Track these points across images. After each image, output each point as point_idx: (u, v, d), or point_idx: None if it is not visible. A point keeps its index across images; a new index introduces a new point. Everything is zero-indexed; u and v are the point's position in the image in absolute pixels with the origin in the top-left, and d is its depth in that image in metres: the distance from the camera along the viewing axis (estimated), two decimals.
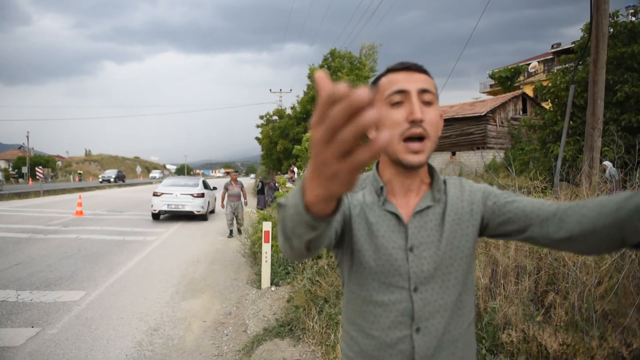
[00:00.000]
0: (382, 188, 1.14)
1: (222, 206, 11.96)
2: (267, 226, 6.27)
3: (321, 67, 30.02)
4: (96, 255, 8.64)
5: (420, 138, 1.06)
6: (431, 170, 1.19)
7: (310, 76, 29.36)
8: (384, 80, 1.11)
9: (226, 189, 12.15)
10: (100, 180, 45.30)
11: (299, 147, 8.25)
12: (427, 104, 1.08)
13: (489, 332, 2.91)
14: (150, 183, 51.82)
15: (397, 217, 1.11)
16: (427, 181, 1.18)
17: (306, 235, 0.75)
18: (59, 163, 65.65)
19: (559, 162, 6.10)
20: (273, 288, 5.98)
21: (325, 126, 0.49)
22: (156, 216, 14.73)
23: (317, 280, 4.72)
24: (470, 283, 1.14)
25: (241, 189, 12.27)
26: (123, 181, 48.23)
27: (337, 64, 29.13)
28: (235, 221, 12.06)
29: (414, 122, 1.05)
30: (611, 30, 15.88)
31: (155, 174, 71.88)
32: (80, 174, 56.07)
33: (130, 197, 26.24)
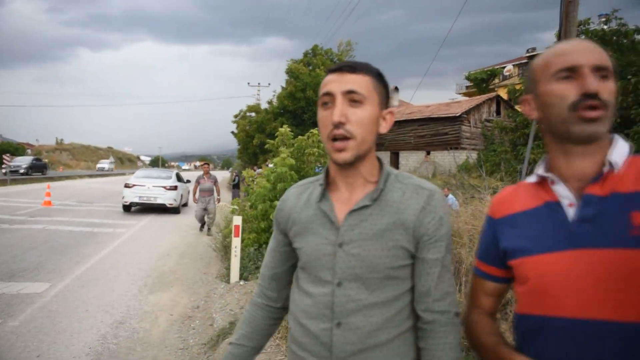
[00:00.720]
0: (322, 186, 1.21)
1: (195, 201, 11.38)
2: (237, 220, 6.27)
3: (301, 62, 30.00)
4: (63, 247, 8.48)
5: (342, 137, 1.10)
6: (382, 171, 1.21)
7: (289, 71, 29.30)
8: (323, 81, 1.16)
9: (198, 182, 11.39)
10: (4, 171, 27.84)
11: (271, 141, 8.24)
12: (354, 102, 1.11)
13: None
14: (103, 174, 49.50)
15: (327, 215, 1.17)
16: (373, 180, 1.19)
17: None
18: (29, 151, 63.76)
19: (525, 164, 6.28)
20: (242, 282, 5.99)
21: None
22: (127, 208, 14.51)
23: None
24: (408, 294, 1.15)
25: (214, 184, 11.44)
26: (43, 173, 35.53)
27: (318, 61, 29.16)
28: (206, 218, 11.31)
29: (335, 125, 1.09)
30: (583, 37, 16.32)
31: (104, 164, 58.70)
32: (46, 163, 52.94)
33: (101, 188, 25.76)
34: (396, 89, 40.26)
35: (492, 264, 1.15)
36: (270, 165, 15.08)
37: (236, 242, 6.08)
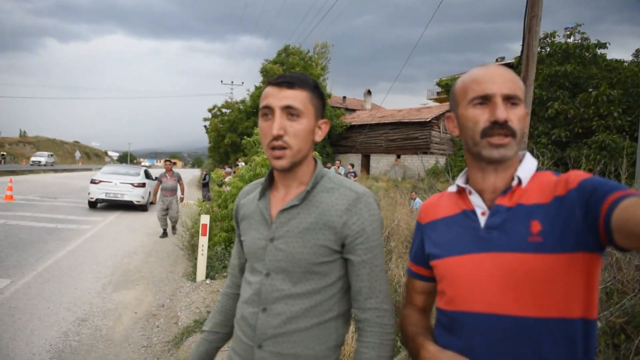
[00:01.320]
0: (263, 187, 1.36)
1: (154, 201, 10.67)
2: (205, 219, 6.28)
3: (275, 62, 29.96)
4: (25, 242, 8.28)
5: (280, 147, 1.23)
6: (316, 175, 1.31)
7: (264, 71, 29.22)
8: (264, 92, 1.28)
9: (160, 181, 10.50)
10: None
11: (248, 139, 8.24)
12: (293, 116, 1.23)
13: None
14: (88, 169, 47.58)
15: (262, 214, 1.33)
16: (307, 181, 1.32)
17: None
18: None
19: None
20: (208, 281, 6.01)
21: None
22: (93, 204, 14.21)
23: None
24: (332, 287, 1.27)
25: (178, 182, 10.59)
26: None
27: (291, 61, 29.16)
28: (169, 220, 10.43)
29: (274, 137, 1.22)
30: (548, 49, 16.92)
31: (41, 157, 46.83)
32: (3, 155, 46.54)
33: (66, 183, 25.09)
34: (369, 92, 40.68)
35: (420, 265, 1.27)
36: (241, 164, 15.03)
37: (203, 241, 6.09)
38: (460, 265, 1.09)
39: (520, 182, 1.07)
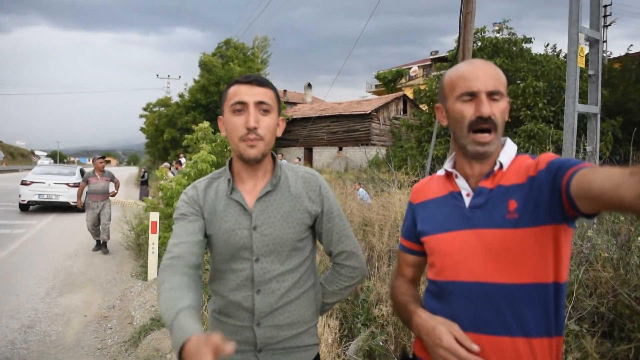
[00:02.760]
0: (229, 180, 1.42)
1: (80, 205, 8.71)
2: (154, 217, 6.16)
3: (214, 55, 29.37)
4: None
5: (255, 139, 1.34)
6: (274, 161, 1.47)
7: (203, 64, 28.57)
8: (231, 89, 1.38)
9: (86, 182, 8.31)
10: None
11: (190, 136, 8.10)
12: (265, 112, 1.35)
13: (364, 308, 3.29)
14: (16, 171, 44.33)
15: (240, 204, 1.39)
16: (269, 169, 1.45)
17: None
18: None
19: (429, 160, 6.83)
20: None
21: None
22: (25, 207, 13.41)
23: (207, 269, 4.80)
24: (308, 259, 1.46)
25: (110, 182, 8.56)
26: None
27: (231, 54, 28.69)
28: (100, 230, 8.30)
29: (249, 129, 1.32)
30: (479, 43, 17.79)
31: None
32: None
33: None
34: (309, 85, 40.83)
35: (411, 240, 1.39)
36: (183, 160, 14.68)
37: (153, 239, 5.98)
38: (448, 240, 1.22)
39: (501, 166, 1.19)
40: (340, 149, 29.91)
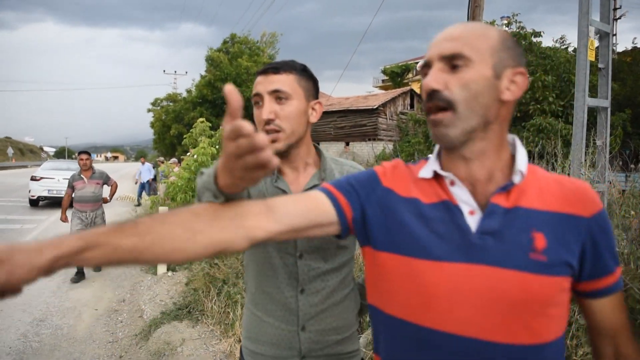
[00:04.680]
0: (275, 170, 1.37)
1: (64, 219, 6.50)
2: (162, 211, 6.20)
3: (220, 50, 29.37)
4: None
5: (273, 131, 1.26)
6: (319, 153, 1.40)
7: (209, 59, 28.57)
8: (254, 83, 1.32)
9: (72, 188, 6.27)
10: None
11: (189, 133, 8.13)
12: (281, 99, 1.26)
13: None
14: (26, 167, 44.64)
15: (285, 192, 1.30)
16: (312, 162, 1.37)
17: (208, 200, 0.88)
18: None
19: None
20: (170, 273, 5.96)
21: (235, 148, 0.69)
22: (34, 202, 13.53)
23: (216, 264, 4.84)
24: (352, 260, 1.38)
25: (104, 186, 6.52)
26: None
27: (236, 49, 28.67)
28: None
29: (265, 122, 1.25)
30: None
31: None
32: None
33: (2, 182, 23.64)
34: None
35: (341, 193, 0.96)
36: (195, 157, 14.68)
37: None
38: (437, 273, 0.84)
39: (521, 177, 0.86)
40: (347, 144, 29.88)
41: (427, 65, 0.87)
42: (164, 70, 40.52)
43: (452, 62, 0.83)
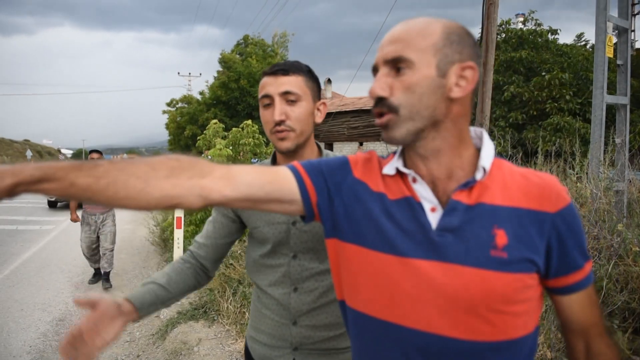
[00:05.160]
0: None
1: (74, 218, 6.16)
2: (179, 212, 6.25)
3: (233, 52, 29.56)
4: None
5: (283, 131, 1.29)
6: (321, 153, 1.42)
7: (222, 61, 28.78)
8: (261, 82, 1.35)
9: None
10: None
11: (203, 135, 8.19)
12: (292, 102, 1.29)
13: None
14: None
15: None
16: None
17: None
18: None
19: None
20: None
21: None
22: (53, 204, 13.78)
23: (231, 264, 4.87)
24: None
25: None
26: None
27: (250, 50, 28.84)
28: (99, 255, 5.99)
29: (276, 123, 1.28)
30: (503, 35, 17.49)
31: None
32: None
33: None
34: (329, 80, 40.77)
35: (311, 177, 0.95)
36: (210, 159, 14.80)
37: (178, 234, 6.06)
38: (398, 269, 0.85)
39: (484, 173, 0.85)
40: (361, 144, 29.82)
41: (375, 69, 0.87)
42: (179, 72, 40.90)
43: (396, 65, 0.83)
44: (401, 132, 0.83)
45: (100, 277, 6.02)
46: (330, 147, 31.61)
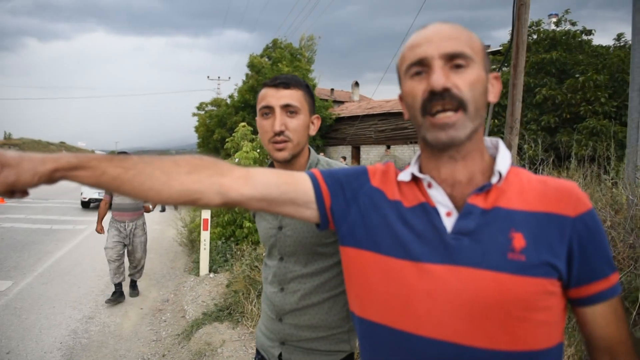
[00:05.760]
0: None
1: (99, 230, 5.80)
2: (205, 214, 6.33)
3: (262, 56, 29.84)
4: (22, 244, 8.27)
5: (282, 141, 1.36)
6: (311, 163, 1.48)
7: (251, 65, 29.09)
8: (260, 93, 1.42)
9: (110, 194, 5.65)
10: None
11: (231, 138, 8.26)
12: (291, 113, 1.37)
13: None
14: None
15: None
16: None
17: None
18: None
19: None
20: (212, 275, 6.07)
21: None
22: (86, 204, 14.15)
23: (256, 266, 4.88)
24: (335, 264, 1.40)
25: None
26: None
27: (278, 55, 29.07)
28: (129, 264, 5.76)
29: (276, 133, 1.35)
30: (535, 36, 17.10)
31: None
32: None
33: (57, 184, 24.84)
34: (356, 83, 40.70)
35: (327, 184, 0.97)
36: (237, 161, 14.99)
37: (205, 236, 6.14)
38: (417, 274, 0.83)
39: (500, 177, 0.84)
40: (389, 147, 29.62)
41: (419, 64, 0.83)
42: (208, 76, 41.55)
43: (454, 61, 0.81)
44: (466, 131, 0.81)
45: (120, 295, 5.51)
46: (357, 150, 31.51)
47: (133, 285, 5.82)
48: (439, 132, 0.81)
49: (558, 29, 16.94)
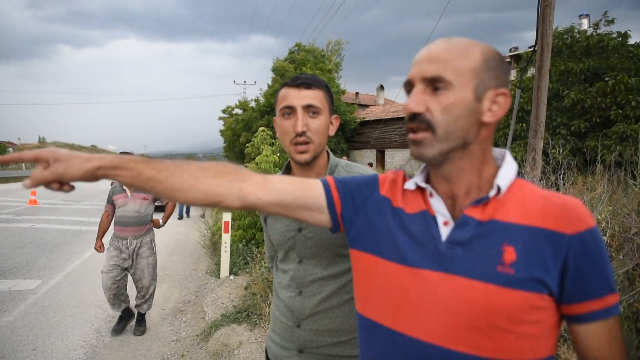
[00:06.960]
0: None
1: (98, 247, 4.95)
2: (227, 217, 6.41)
3: (286, 60, 30.07)
4: (52, 245, 8.53)
5: (304, 142, 1.35)
6: (331, 165, 1.46)
7: (275, 69, 29.34)
8: (281, 93, 1.39)
9: (112, 204, 4.69)
10: None
11: (251, 143, 8.34)
12: (313, 114, 1.36)
13: None
14: None
15: None
16: (324, 173, 1.45)
17: None
18: (10, 150, 62.30)
19: None
20: (232, 277, 6.14)
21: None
22: None
23: None
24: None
25: (151, 202, 4.75)
26: None
27: (302, 57, 29.23)
28: (136, 293, 4.79)
29: (298, 134, 1.34)
30: (568, 40, 16.67)
31: None
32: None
33: (88, 186, 25.54)
34: (381, 87, 40.54)
35: (339, 192, 1.03)
36: (257, 164, 15.09)
37: (226, 238, 6.22)
38: (411, 279, 0.88)
39: (498, 191, 0.86)
40: None
41: (409, 84, 0.89)
42: (234, 81, 42.01)
43: (434, 84, 0.84)
44: (434, 151, 0.85)
45: (127, 322, 4.69)
46: (382, 153, 31.38)
47: (139, 320, 4.66)
48: (412, 148, 0.88)
49: (596, 34, 16.39)
